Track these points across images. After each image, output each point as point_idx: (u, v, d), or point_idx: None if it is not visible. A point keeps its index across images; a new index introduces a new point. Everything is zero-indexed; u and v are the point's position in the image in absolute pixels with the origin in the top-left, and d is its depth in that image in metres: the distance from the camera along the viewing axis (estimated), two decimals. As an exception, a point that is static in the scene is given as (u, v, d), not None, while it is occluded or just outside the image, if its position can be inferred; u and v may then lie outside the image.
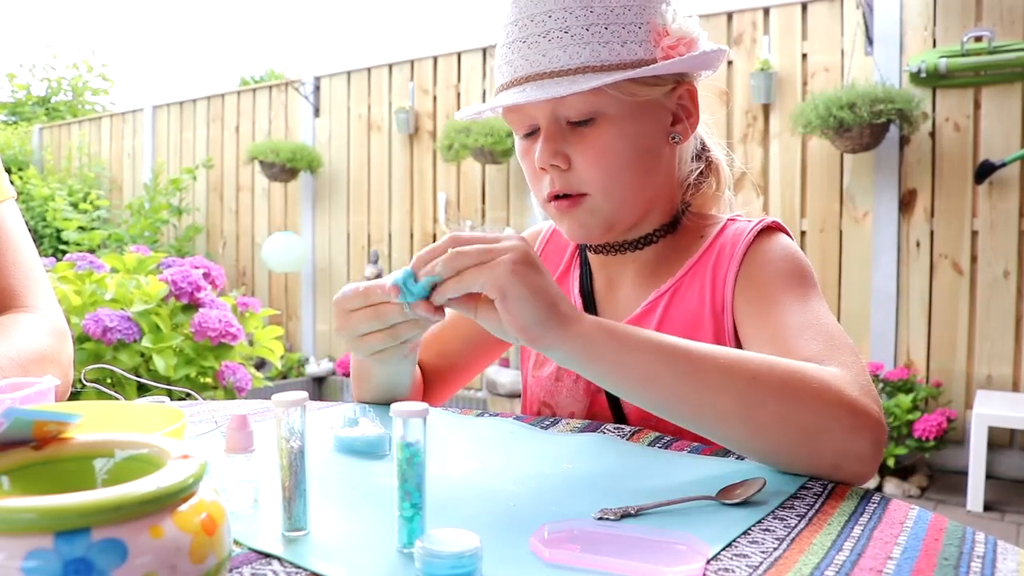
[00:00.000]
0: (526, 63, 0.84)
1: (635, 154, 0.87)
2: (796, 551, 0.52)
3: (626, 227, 0.92)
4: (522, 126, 0.89)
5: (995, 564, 0.50)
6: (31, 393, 0.67)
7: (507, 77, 0.86)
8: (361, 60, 5.17)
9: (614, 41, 0.82)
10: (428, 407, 0.51)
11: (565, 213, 0.88)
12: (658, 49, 0.83)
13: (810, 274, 0.86)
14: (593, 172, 0.85)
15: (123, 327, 1.82)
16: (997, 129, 3.29)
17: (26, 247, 1.04)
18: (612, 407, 0.93)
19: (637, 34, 0.83)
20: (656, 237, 0.93)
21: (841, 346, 0.75)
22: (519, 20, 0.85)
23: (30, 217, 6.09)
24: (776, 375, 0.67)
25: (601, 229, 0.89)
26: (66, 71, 9.76)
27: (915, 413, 3.23)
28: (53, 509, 0.34)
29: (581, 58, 0.81)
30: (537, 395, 1.01)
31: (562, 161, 0.85)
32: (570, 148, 0.85)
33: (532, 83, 0.83)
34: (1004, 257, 3.29)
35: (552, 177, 0.87)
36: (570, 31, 0.82)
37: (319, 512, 0.58)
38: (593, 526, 0.54)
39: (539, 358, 1.02)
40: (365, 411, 0.81)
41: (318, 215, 5.37)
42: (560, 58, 0.82)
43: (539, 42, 0.83)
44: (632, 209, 0.90)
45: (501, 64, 0.87)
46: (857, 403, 0.67)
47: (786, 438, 0.67)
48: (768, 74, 3.65)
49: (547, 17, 0.82)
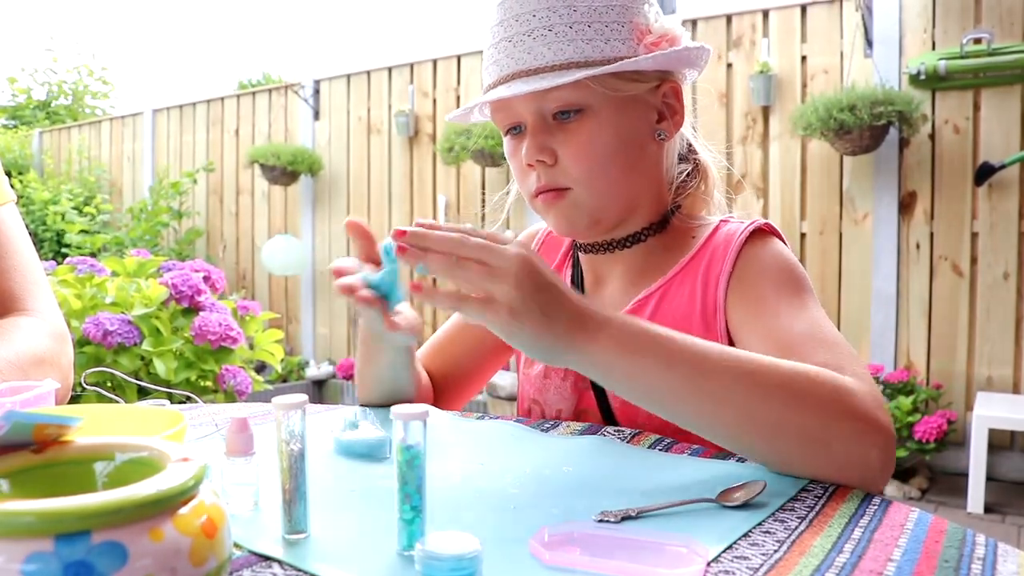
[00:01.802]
0: (512, 61, 0.85)
1: (619, 148, 0.88)
2: (796, 553, 0.52)
3: (612, 223, 0.92)
4: (508, 123, 0.91)
5: (995, 566, 0.50)
6: (31, 396, 0.67)
7: (494, 76, 0.88)
8: (360, 63, 5.17)
9: (597, 38, 0.84)
10: (428, 409, 0.51)
11: (551, 206, 0.89)
12: (641, 47, 0.86)
13: (807, 281, 0.86)
14: (577, 166, 0.86)
15: (123, 330, 1.82)
16: (997, 131, 3.29)
17: (26, 251, 1.04)
18: (600, 404, 0.93)
19: (620, 32, 0.85)
20: (644, 236, 0.94)
21: (847, 354, 0.75)
22: (504, 21, 0.87)
23: (30, 221, 6.09)
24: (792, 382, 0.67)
25: (586, 223, 0.90)
26: (66, 75, 9.78)
27: (915, 415, 3.22)
28: (53, 512, 0.34)
29: (565, 54, 0.83)
30: (527, 393, 1.01)
31: (548, 156, 0.86)
32: (556, 143, 0.87)
33: (518, 79, 0.85)
34: (1004, 259, 3.29)
35: (538, 172, 0.88)
36: (554, 29, 0.84)
37: (319, 515, 0.57)
38: (593, 528, 0.54)
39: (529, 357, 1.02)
40: (365, 414, 0.81)
41: (318, 218, 5.38)
42: (545, 55, 0.84)
43: (524, 40, 0.85)
44: (616, 204, 0.90)
45: (488, 65, 0.89)
46: (869, 414, 0.68)
47: (798, 446, 0.67)
48: (767, 76, 3.65)
49: (532, 16, 0.85)
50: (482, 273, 0.64)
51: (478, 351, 1.09)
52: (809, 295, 0.84)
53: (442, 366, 1.08)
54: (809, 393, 0.67)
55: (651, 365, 0.67)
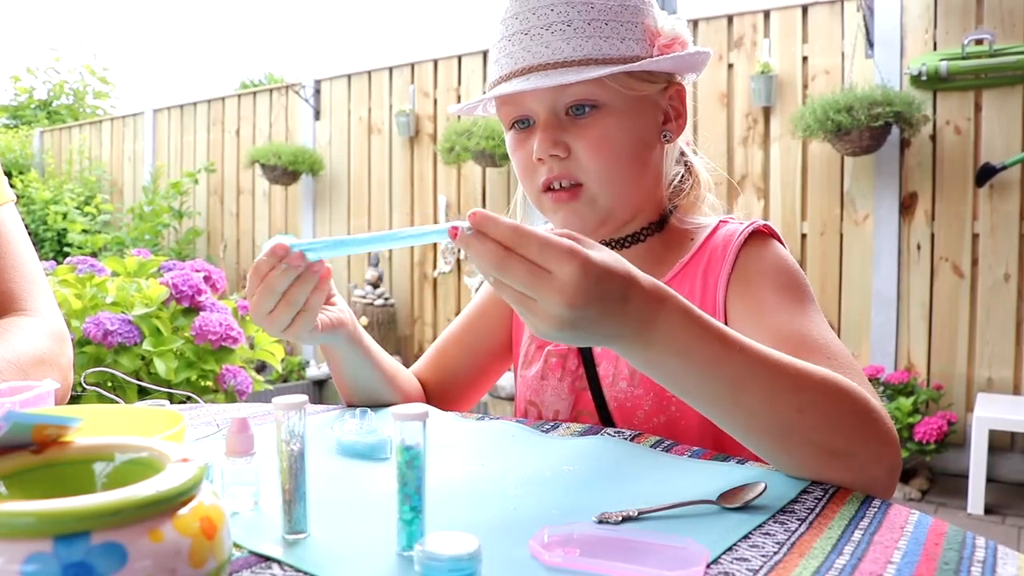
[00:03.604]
0: (528, 54, 0.85)
1: (633, 147, 0.88)
2: (796, 555, 0.52)
3: (620, 223, 0.92)
4: (515, 117, 0.90)
5: (995, 569, 0.50)
6: (31, 397, 0.66)
7: (507, 68, 0.87)
8: (361, 63, 5.18)
9: (614, 36, 0.84)
10: (428, 410, 0.51)
11: (562, 205, 0.88)
12: (653, 48, 0.87)
13: (808, 286, 0.86)
14: (593, 160, 0.86)
15: (124, 330, 1.82)
16: (998, 132, 3.29)
17: (26, 251, 1.04)
18: (597, 405, 0.93)
19: (634, 32, 0.86)
20: (643, 236, 0.94)
21: (848, 363, 0.75)
22: (520, 13, 0.86)
23: (31, 220, 6.09)
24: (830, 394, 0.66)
25: (596, 222, 0.90)
26: (68, 74, 9.78)
27: (916, 416, 3.22)
28: (53, 513, 0.34)
29: (584, 50, 0.83)
30: (524, 394, 1.02)
31: (562, 150, 0.86)
32: (569, 137, 0.86)
33: (536, 73, 0.84)
34: (1005, 260, 3.29)
35: (550, 165, 0.87)
36: (573, 24, 0.84)
37: (319, 515, 0.57)
38: (593, 529, 0.54)
39: (527, 358, 1.02)
40: (365, 414, 0.81)
41: (319, 218, 5.38)
42: (564, 49, 0.83)
43: (542, 34, 0.84)
44: (627, 203, 0.90)
45: (500, 57, 0.88)
46: (890, 434, 0.68)
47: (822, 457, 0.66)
48: (768, 77, 3.65)
49: (549, 11, 0.84)
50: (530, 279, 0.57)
51: (479, 357, 1.09)
52: (810, 301, 0.84)
53: (442, 371, 1.08)
54: (844, 410, 0.66)
55: (697, 371, 0.63)
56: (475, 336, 1.09)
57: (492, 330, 1.09)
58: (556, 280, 0.56)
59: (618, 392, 0.91)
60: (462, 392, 1.09)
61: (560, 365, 0.97)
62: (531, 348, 1.02)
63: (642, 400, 0.89)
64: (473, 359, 1.09)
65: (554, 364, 0.97)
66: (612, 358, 0.93)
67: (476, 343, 1.09)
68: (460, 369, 1.09)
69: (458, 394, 1.09)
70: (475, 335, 1.09)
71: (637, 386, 0.90)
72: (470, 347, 1.09)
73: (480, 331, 1.09)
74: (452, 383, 1.08)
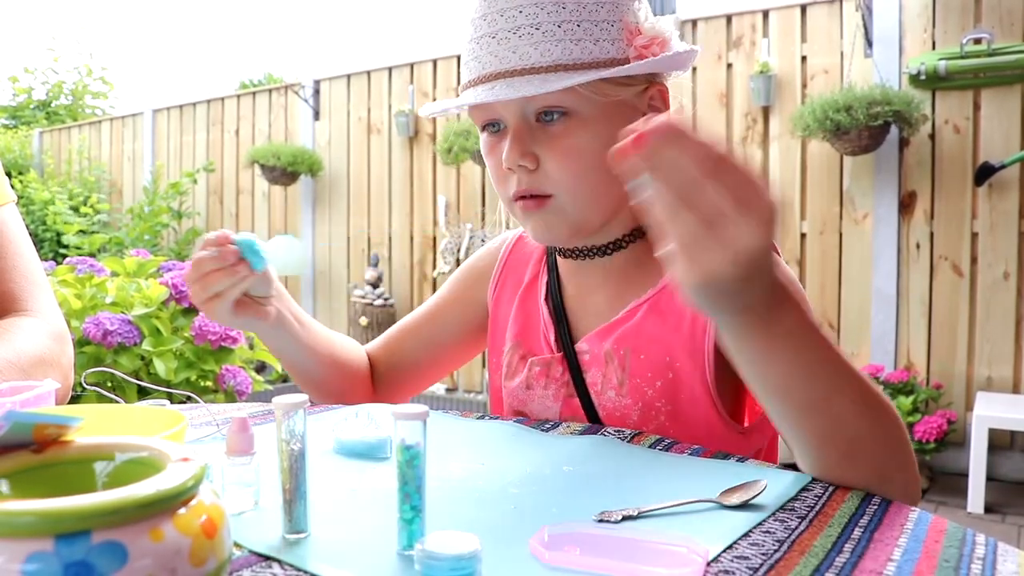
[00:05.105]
0: (495, 59, 0.81)
1: (604, 156, 0.86)
2: (796, 553, 0.52)
3: (592, 230, 0.89)
4: (486, 120, 0.87)
5: (995, 566, 0.50)
6: (31, 396, 0.67)
7: (475, 73, 0.83)
8: (361, 63, 5.17)
9: (587, 39, 0.80)
10: (428, 409, 0.51)
11: (531, 213, 0.86)
12: (631, 48, 0.81)
13: (806, 299, 0.84)
14: (561, 173, 0.83)
15: (123, 330, 1.82)
16: (997, 131, 3.29)
17: (26, 251, 1.04)
18: (586, 411, 0.91)
19: (610, 32, 0.81)
20: (625, 242, 0.91)
21: None
22: (488, 15, 0.82)
23: (30, 221, 6.09)
24: (890, 418, 0.66)
25: (567, 231, 0.87)
26: (67, 75, 9.78)
27: (915, 415, 3.23)
28: (53, 512, 0.34)
29: (553, 56, 0.79)
30: (510, 405, 0.99)
31: (530, 161, 0.83)
32: (538, 147, 0.82)
33: (502, 80, 0.80)
34: (1004, 259, 3.29)
35: (519, 176, 0.84)
36: (542, 27, 0.79)
37: (319, 514, 0.58)
38: (593, 528, 0.54)
39: (510, 368, 0.99)
40: (365, 414, 0.81)
41: (318, 218, 5.38)
42: (531, 55, 0.79)
43: (509, 38, 0.80)
44: (598, 211, 0.87)
45: (468, 60, 0.85)
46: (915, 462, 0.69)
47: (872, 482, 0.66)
48: (767, 76, 3.65)
49: (518, 12, 0.80)
50: (733, 200, 0.51)
51: (434, 348, 1.08)
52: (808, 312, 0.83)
53: (393, 355, 1.07)
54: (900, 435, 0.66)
55: (805, 367, 0.62)
56: (434, 328, 1.08)
57: (455, 325, 1.07)
58: (757, 208, 0.52)
59: (607, 401, 0.89)
60: (409, 381, 1.09)
61: (544, 374, 0.94)
62: (514, 358, 0.98)
63: (630, 410, 0.88)
64: (427, 351, 1.07)
65: (538, 373, 0.94)
66: (601, 365, 0.90)
67: (434, 335, 1.07)
68: (412, 357, 1.07)
69: (404, 382, 1.08)
70: (434, 327, 1.08)
71: (625, 396, 0.88)
72: (428, 339, 1.07)
73: (441, 324, 1.08)
74: (401, 370, 1.07)
